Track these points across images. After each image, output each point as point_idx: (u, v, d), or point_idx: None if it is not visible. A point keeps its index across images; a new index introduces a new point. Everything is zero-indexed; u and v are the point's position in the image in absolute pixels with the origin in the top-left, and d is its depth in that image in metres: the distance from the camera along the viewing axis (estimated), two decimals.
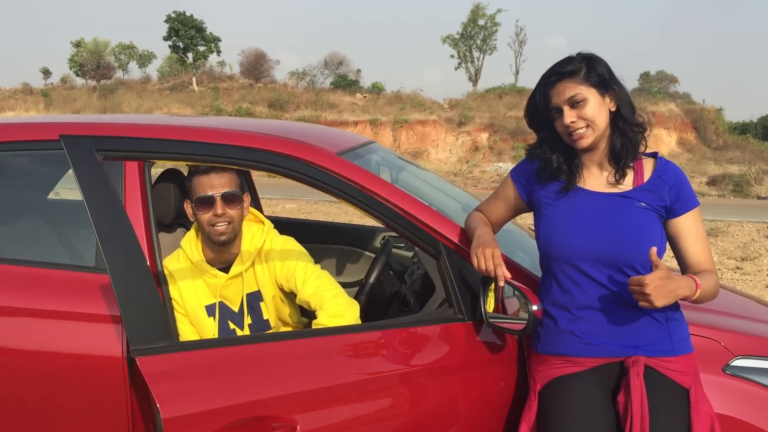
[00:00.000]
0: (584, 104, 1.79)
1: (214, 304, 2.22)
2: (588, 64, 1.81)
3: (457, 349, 1.96)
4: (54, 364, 1.86)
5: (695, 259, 1.86)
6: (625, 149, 1.84)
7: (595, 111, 1.80)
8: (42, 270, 1.97)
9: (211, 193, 2.15)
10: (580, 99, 1.79)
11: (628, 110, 1.84)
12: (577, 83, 1.80)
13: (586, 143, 1.82)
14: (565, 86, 1.80)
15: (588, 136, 1.81)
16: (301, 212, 12.55)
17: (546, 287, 1.93)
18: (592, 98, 1.80)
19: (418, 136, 32.54)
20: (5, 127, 2.22)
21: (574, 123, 1.80)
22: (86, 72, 44.51)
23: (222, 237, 2.16)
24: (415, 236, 1.99)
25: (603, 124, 1.82)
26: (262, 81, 41.35)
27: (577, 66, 1.81)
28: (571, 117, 1.80)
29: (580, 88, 1.79)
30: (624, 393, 1.78)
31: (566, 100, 1.80)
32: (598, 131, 1.81)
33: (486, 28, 45.38)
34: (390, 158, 2.85)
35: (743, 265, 8.20)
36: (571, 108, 1.80)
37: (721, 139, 35.31)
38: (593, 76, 1.80)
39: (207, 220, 2.16)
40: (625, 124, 1.83)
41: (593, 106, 1.80)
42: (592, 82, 1.80)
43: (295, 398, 1.73)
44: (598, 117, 1.80)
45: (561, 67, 1.82)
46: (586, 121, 1.80)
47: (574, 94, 1.79)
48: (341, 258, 3.48)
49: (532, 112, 1.92)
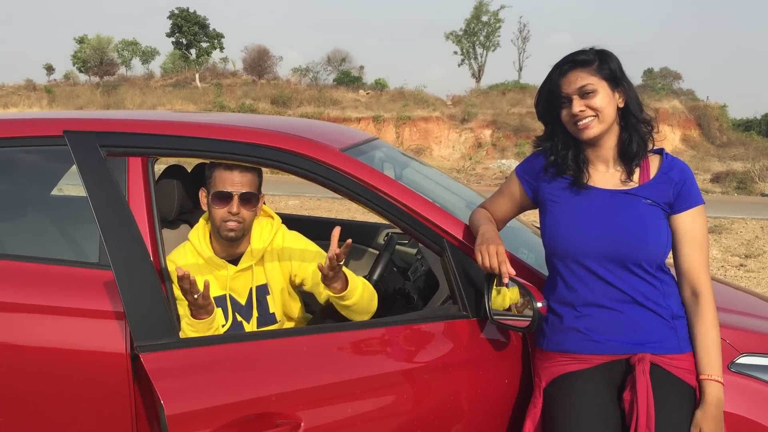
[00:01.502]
0: (594, 95, 1.80)
1: (222, 296, 2.22)
2: (601, 57, 1.82)
3: (461, 346, 1.95)
4: (57, 360, 1.86)
5: (687, 264, 1.85)
6: (636, 146, 1.84)
7: (605, 102, 1.80)
8: (45, 266, 1.97)
9: (230, 190, 2.15)
10: (590, 89, 1.80)
11: (636, 107, 1.84)
12: (589, 74, 1.81)
13: (591, 134, 1.82)
14: (577, 75, 1.81)
15: (593, 126, 1.81)
16: (304, 209, 12.55)
17: (551, 284, 1.93)
18: (602, 90, 1.80)
19: (421, 132, 32.50)
20: (9, 123, 2.22)
21: (583, 112, 1.80)
22: (89, 68, 44.49)
23: (231, 234, 2.17)
24: (418, 233, 1.98)
25: (610, 117, 1.82)
26: (265, 77, 41.31)
27: (590, 57, 1.82)
28: (579, 106, 1.81)
29: (592, 79, 1.80)
30: (630, 390, 1.77)
31: (577, 89, 1.81)
32: (604, 123, 1.81)
33: (489, 25, 45.26)
34: (393, 155, 2.85)
35: (747, 262, 8.18)
36: (581, 98, 1.81)
37: (725, 136, 35.20)
38: (605, 69, 1.81)
39: (221, 215, 2.16)
40: (635, 120, 1.84)
41: (603, 97, 1.80)
42: (603, 74, 1.81)
43: (299, 395, 1.73)
44: (607, 109, 1.81)
45: (574, 56, 1.84)
46: (595, 111, 1.80)
47: (585, 84, 1.80)
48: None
49: (544, 101, 1.91)
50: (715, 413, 1.74)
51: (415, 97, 35.82)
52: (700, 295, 1.83)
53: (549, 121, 1.93)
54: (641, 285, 1.81)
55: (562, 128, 1.89)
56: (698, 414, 1.75)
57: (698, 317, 1.82)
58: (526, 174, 2.01)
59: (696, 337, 1.82)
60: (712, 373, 1.77)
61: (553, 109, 1.88)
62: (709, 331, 1.81)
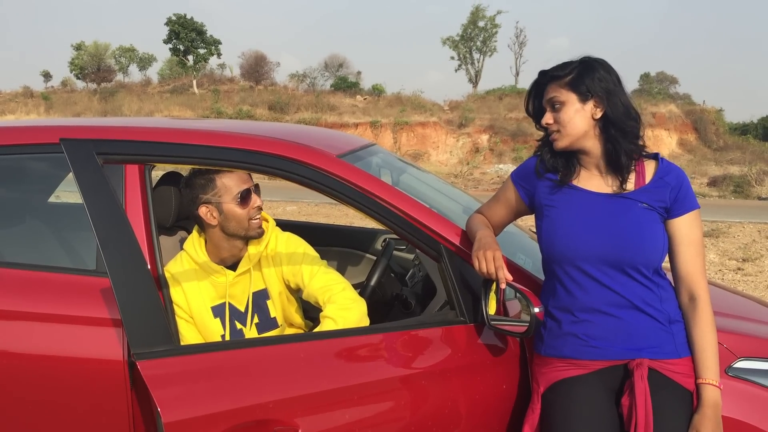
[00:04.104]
0: (560, 108, 1.85)
1: (221, 305, 2.21)
2: (580, 70, 1.83)
3: (458, 352, 1.95)
4: (55, 367, 1.85)
5: (685, 268, 1.85)
6: (624, 157, 1.84)
7: (568, 116, 1.84)
8: (42, 273, 1.97)
9: (248, 186, 2.19)
10: (556, 102, 1.85)
11: (620, 117, 1.82)
12: (559, 87, 1.85)
13: (559, 145, 1.88)
14: (550, 87, 1.87)
15: (559, 139, 1.86)
16: (301, 215, 12.55)
17: (549, 289, 1.93)
18: (569, 103, 1.83)
19: (419, 138, 32.56)
20: (6, 131, 2.22)
21: (550, 125, 1.87)
22: (87, 75, 44.52)
23: (260, 229, 2.21)
24: (416, 238, 1.98)
25: (575, 130, 1.84)
26: (262, 83, 41.38)
27: (565, 71, 1.85)
28: (548, 118, 1.88)
29: (560, 92, 1.85)
30: (628, 396, 1.77)
31: (547, 101, 1.88)
32: (570, 137, 1.85)
33: (486, 30, 45.36)
34: (390, 160, 2.85)
35: (744, 266, 8.19)
36: (552, 110, 1.87)
37: (722, 139, 35.31)
38: (577, 82, 1.83)
39: (248, 215, 2.18)
40: (617, 131, 1.83)
41: (567, 111, 1.84)
42: (573, 87, 1.83)
43: (296, 401, 1.73)
44: (570, 123, 1.84)
45: (551, 69, 1.89)
46: (559, 125, 1.85)
47: (552, 96, 1.86)
48: (342, 260, 3.47)
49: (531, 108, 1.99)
50: (712, 416, 1.74)
51: (413, 103, 35.88)
52: (697, 299, 1.84)
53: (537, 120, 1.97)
54: (640, 290, 1.82)
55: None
56: (696, 418, 1.75)
57: (695, 321, 1.83)
58: (522, 180, 2.02)
59: (693, 340, 1.83)
60: (709, 377, 1.78)
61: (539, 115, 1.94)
62: (706, 334, 1.81)
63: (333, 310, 2.06)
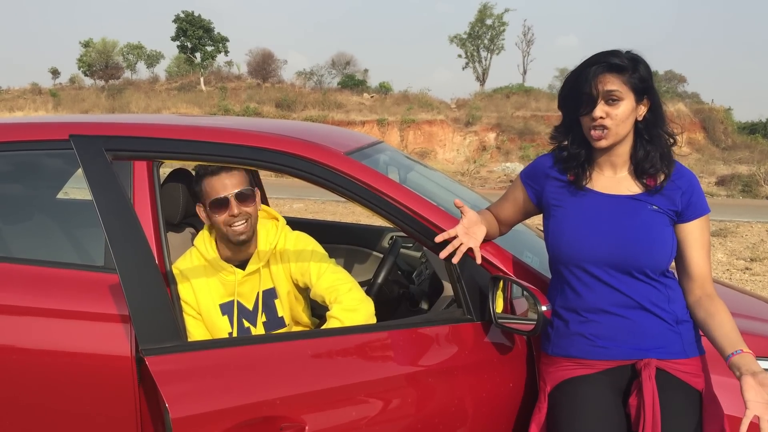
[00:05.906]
0: (618, 104, 1.75)
1: (229, 303, 2.22)
2: (634, 65, 1.75)
3: (465, 350, 1.95)
4: (63, 363, 1.86)
5: (698, 269, 1.84)
6: (653, 162, 1.80)
7: (625, 114, 1.75)
8: (51, 269, 1.98)
9: (224, 194, 2.16)
10: (617, 97, 1.74)
11: (659, 119, 1.79)
12: (620, 80, 1.74)
13: (603, 144, 1.79)
14: (608, 78, 1.74)
15: (607, 137, 1.77)
16: (308, 212, 12.56)
17: (556, 289, 1.92)
18: (627, 101, 1.75)
19: (426, 136, 32.50)
20: (15, 127, 2.23)
21: (603, 119, 1.75)
22: (95, 72, 44.69)
23: (242, 236, 2.17)
24: (423, 236, 1.98)
25: (625, 130, 1.78)
26: (269, 81, 41.42)
27: (625, 63, 1.75)
28: (601, 111, 1.75)
29: (622, 87, 1.74)
30: (636, 396, 1.76)
31: (604, 93, 1.74)
32: (616, 136, 1.77)
33: (494, 28, 45.28)
34: (398, 158, 2.85)
35: (752, 265, 8.15)
36: (606, 103, 1.75)
37: (730, 139, 35.10)
38: (635, 78, 1.75)
39: (223, 221, 2.16)
40: (653, 133, 1.79)
41: (625, 108, 1.75)
42: (632, 85, 1.75)
43: (303, 398, 1.73)
44: (625, 122, 1.76)
45: (608, 57, 1.75)
46: (612, 122, 1.75)
47: (614, 89, 1.73)
48: (349, 258, 3.48)
49: (567, 92, 1.84)
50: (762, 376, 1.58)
51: (420, 101, 35.83)
52: (712, 295, 1.82)
53: (568, 113, 1.87)
54: (647, 290, 1.81)
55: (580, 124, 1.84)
56: (748, 381, 1.57)
57: (714, 313, 1.78)
58: (530, 179, 2.00)
59: (714, 329, 1.74)
60: (746, 348, 1.67)
61: (575, 103, 1.81)
62: (726, 321, 1.75)
63: (339, 310, 2.07)
